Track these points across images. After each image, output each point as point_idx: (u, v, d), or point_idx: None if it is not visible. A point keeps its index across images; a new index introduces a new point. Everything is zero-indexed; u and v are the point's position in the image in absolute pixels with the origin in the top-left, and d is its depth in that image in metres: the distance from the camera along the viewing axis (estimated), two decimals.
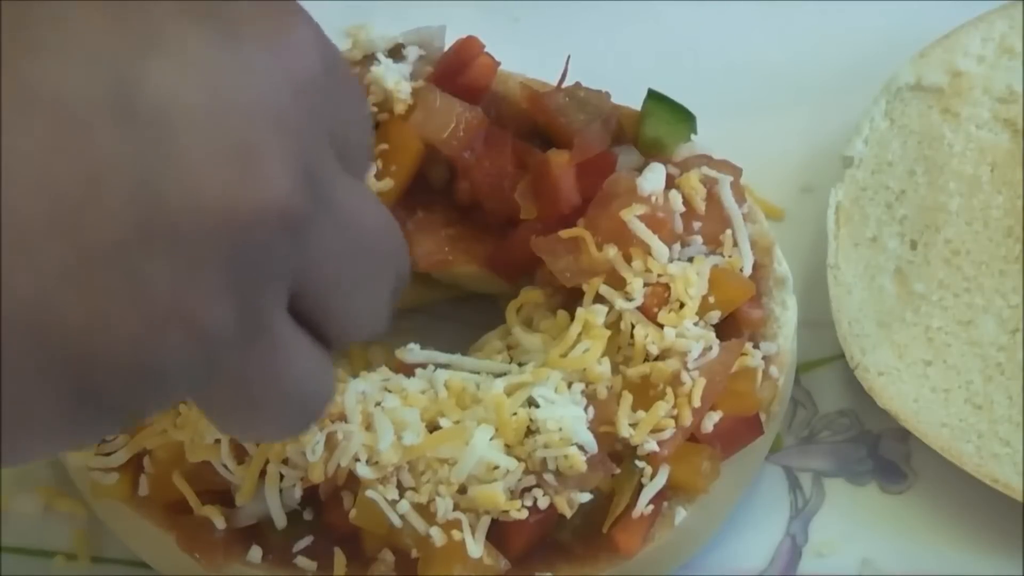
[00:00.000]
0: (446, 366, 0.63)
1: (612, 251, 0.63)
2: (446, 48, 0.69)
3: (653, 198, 0.64)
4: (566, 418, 0.59)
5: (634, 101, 0.67)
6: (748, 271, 0.65)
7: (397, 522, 0.59)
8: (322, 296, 0.48)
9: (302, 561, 0.60)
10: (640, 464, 0.61)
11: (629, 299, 0.63)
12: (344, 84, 0.48)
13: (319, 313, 0.48)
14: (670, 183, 0.65)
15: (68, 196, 0.42)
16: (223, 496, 0.61)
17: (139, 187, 0.42)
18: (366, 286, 0.49)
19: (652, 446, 0.60)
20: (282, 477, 0.60)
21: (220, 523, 0.60)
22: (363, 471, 0.59)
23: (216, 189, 0.43)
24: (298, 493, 0.60)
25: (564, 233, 0.63)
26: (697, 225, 0.65)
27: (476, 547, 0.58)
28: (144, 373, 0.44)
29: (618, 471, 0.61)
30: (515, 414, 0.60)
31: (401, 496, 0.59)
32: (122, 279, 0.42)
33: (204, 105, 0.43)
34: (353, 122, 0.49)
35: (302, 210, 0.44)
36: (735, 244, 0.65)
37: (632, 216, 0.63)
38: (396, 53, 0.69)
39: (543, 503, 0.59)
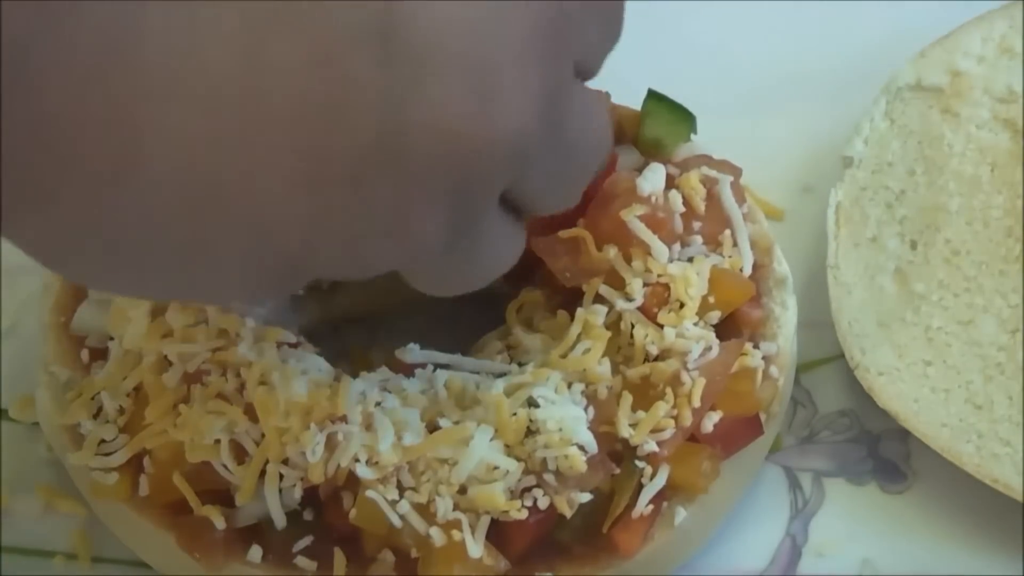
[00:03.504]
0: (446, 366, 0.63)
1: (612, 251, 0.63)
2: None
3: (653, 198, 0.64)
4: (566, 418, 0.59)
5: (634, 101, 0.67)
6: (748, 271, 0.65)
7: (397, 522, 0.59)
8: (530, 195, 0.50)
9: (302, 561, 0.60)
10: (640, 464, 0.61)
11: (629, 299, 0.63)
12: (599, 5, 0.49)
13: (523, 202, 0.50)
14: (670, 183, 0.65)
15: (318, 109, 0.44)
16: (223, 496, 0.61)
17: (384, 111, 0.44)
18: (573, 185, 0.52)
19: (652, 446, 0.60)
20: (282, 477, 0.60)
21: (220, 523, 0.60)
22: (363, 471, 0.59)
23: (454, 119, 0.45)
24: (298, 493, 0.60)
25: (564, 233, 0.63)
26: (697, 225, 0.65)
27: (476, 547, 0.58)
28: (350, 267, 0.47)
29: (618, 471, 0.61)
30: (515, 414, 0.60)
31: (401, 496, 0.59)
32: (350, 191, 0.45)
33: (457, 39, 0.45)
34: (599, 42, 0.50)
35: (532, 143, 0.47)
36: (735, 244, 0.65)
37: (632, 216, 0.63)
38: None
39: (543, 503, 0.59)
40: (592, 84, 0.66)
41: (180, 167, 0.44)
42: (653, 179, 0.64)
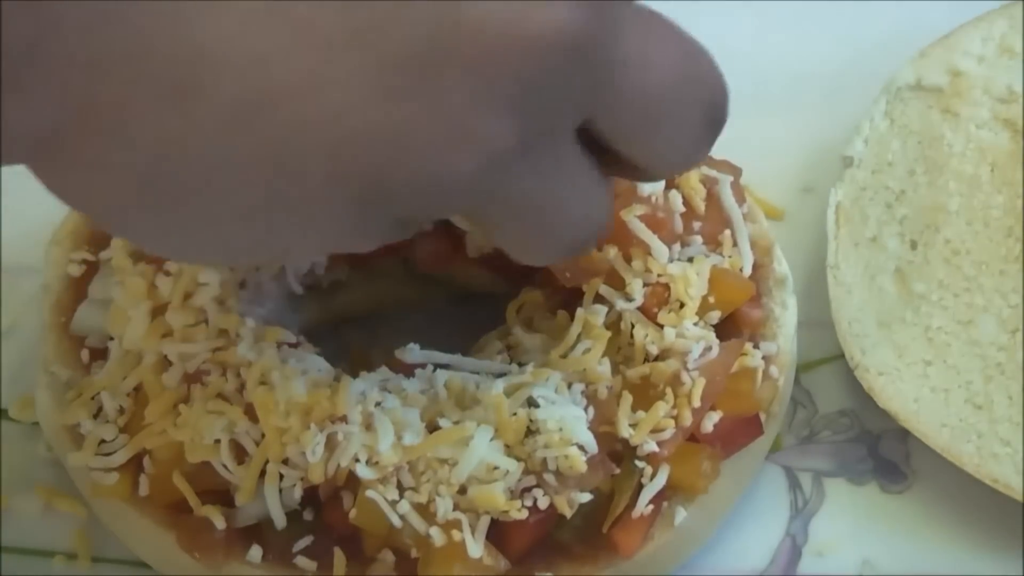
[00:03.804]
0: (446, 366, 0.63)
1: (612, 251, 0.63)
2: None
3: (653, 198, 0.64)
4: (566, 418, 0.59)
5: None
6: (748, 271, 0.65)
7: (397, 522, 0.59)
8: (621, 131, 0.50)
9: (302, 561, 0.60)
10: (640, 464, 0.61)
11: (629, 299, 0.63)
12: None
13: (620, 145, 0.50)
14: (670, 183, 0.65)
15: (372, 11, 0.44)
16: (223, 496, 0.61)
17: (437, 8, 0.45)
18: (669, 121, 0.50)
19: (652, 446, 0.60)
20: (282, 477, 0.60)
21: (220, 523, 0.60)
22: (363, 471, 0.59)
23: (504, 13, 0.45)
24: (298, 493, 0.60)
25: None
26: (697, 225, 0.65)
27: (476, 547, 0.58)
28: (432, 184, 0.46)
29: (618, 471, 0.61)
30: (515, 414, 0.60)
31: (401, 496, 0.59)
32: (416, 92, 0.45)
33: None
34: None
35: (586, 38, 0.46)
36: (735, 244, 0.65)
37: (632, 216, 0.63)
38: None
39: (543, 503, 0.59)
40: None
41: (246, 86, 0.44)
42: None
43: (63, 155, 0.46)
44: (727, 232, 0.65)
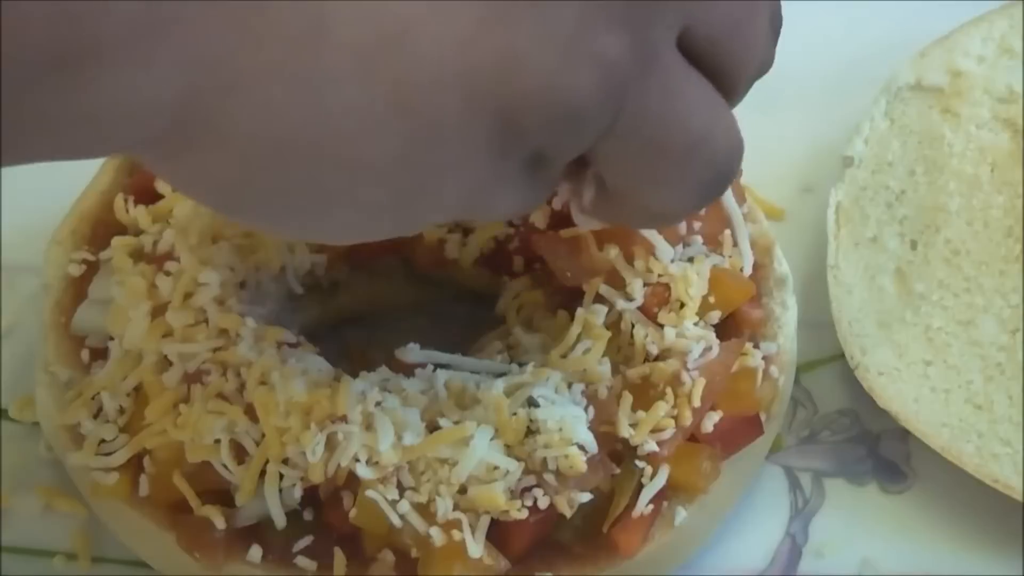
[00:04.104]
0: (446, 366, 0.63)
1: (613, 251, 0.63)
2: None
3: None
4: (566, 418, 0.59)
5: None
6: (748, 271, 0.65)
7: (397, 522, 0.59)
8: (708, 35, 0.50)
9: (302, 561, 0.60)
10: (640, 464, 0.61)
11: (629, 299, 0.63)
12: None
13: (709, 50, 0.50)
14: None
15: None
16: (223, 496, 0.61)
17: None
18: (749, 22, 0.51)
19: (652, 446, 0.60)
20: (282, 477, 0.60)
21: (220, 523, 0.60)
22: (363, 471, 0.59)
23: None
24: (298, 493, 0.60)
25: (565, 232, 0.63)
26: (697, 225, 0.65)
27: (476, 547, 0.58)
28: (561, 108, 0.46)
29: (618, 471, 0.61)
30: (515, 414, 0.60)
31: (401, 496, 0.59)
32: (528, 14, 0.45)
33: None
34: None
35: None
36: (735, 244, 0.65)
37: None
38: None
39: (543, 503, 0.59)
40: None
41: (369, 25, 0.44)
42: None
43: (194, 130, 0.45)
44: (727, 232, 0.65)
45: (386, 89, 0.45)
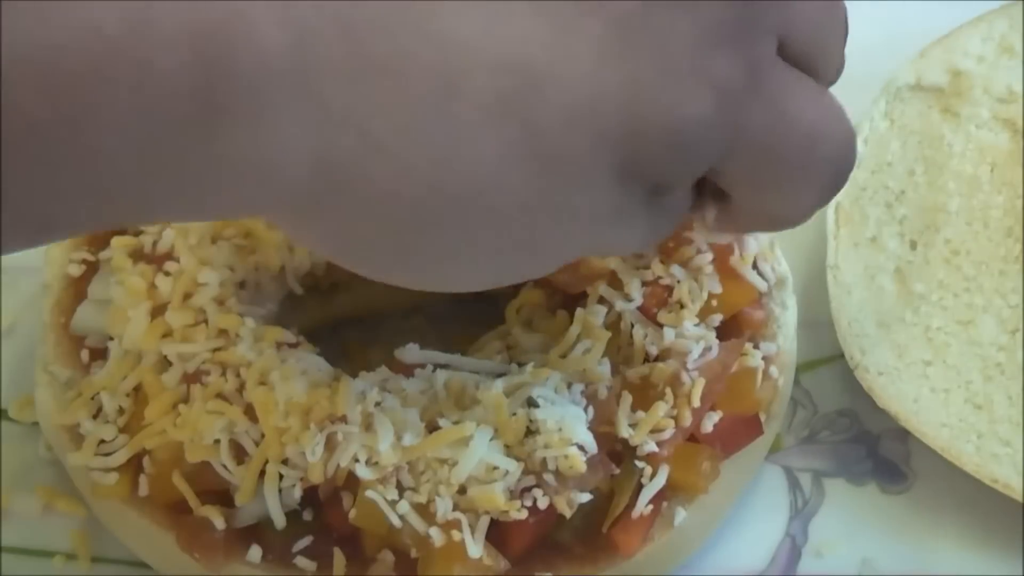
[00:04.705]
0: (446, 366, 0.63)
1: (614, 260, 0.63)
2: None
3: None
4: (566, 418, 0.59)
5: None
6: (753, 279, 0.65)
7: (397, 522, 0.59)
8: (802, 39, 0.50)
9: (302, 561, 0.60)
10: (640, 464, 0.61)
11: (629, 299, 0.63)
12: None
13: (804, 52, 0.51)
14: None
15: None
16: (223, 496, 0.61)
17: None
18: (833, 25, 0.53)
19: (652, 446, 0.60)
20: (282, 477, 0.60)
21: (220, 523, 0.60)
22: (363, 471, 0.59)
23: None
24: (298, 493, 0.60)
25: None
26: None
27: (476, 547, 0.58)
28: (683, 136, 0.46)
29: (618, 471, 0.61)
30: (515, 414, 0.60)
31: (401, 496, 0.59)
32: (643, 45, 0.45)
33: None
34: None
35: None
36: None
37: None
38: None
39: (543, 503, 0.59)
40: None
41: (502, 75, 0.44)
42: None
43: (330, 190, 0.44)
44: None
45: (518, 136, 0.45)
